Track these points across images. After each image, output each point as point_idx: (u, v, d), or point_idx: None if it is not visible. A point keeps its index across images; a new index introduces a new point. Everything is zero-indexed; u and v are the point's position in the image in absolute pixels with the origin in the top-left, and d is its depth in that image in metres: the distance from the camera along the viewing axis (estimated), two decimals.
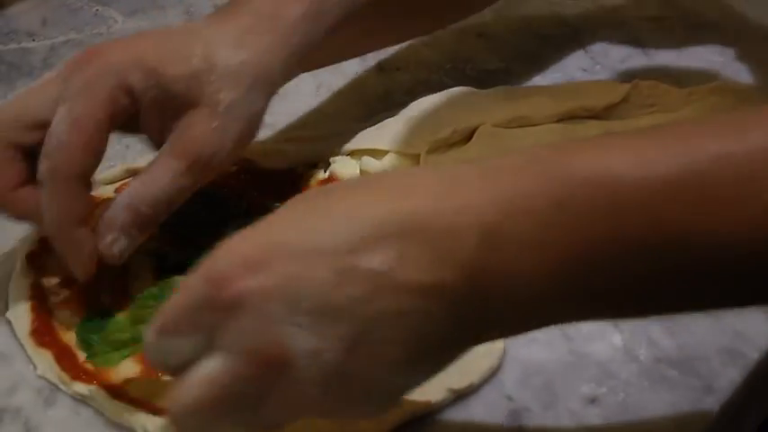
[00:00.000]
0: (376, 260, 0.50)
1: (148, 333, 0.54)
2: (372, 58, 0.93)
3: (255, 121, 0.71)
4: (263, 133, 0.75)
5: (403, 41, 0.91)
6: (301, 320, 0.50)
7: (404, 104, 0.84)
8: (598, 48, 0.94)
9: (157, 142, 0.70)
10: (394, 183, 0.53)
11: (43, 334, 0.68)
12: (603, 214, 0.50)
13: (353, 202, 0.52)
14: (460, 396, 0.64)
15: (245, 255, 0.51)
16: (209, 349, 0.52)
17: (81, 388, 0.65)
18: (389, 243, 0.50)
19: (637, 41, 0.95)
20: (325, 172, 0.79)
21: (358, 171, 0.78)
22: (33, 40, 0.98)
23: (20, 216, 0.69)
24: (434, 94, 0.85)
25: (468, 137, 0.81)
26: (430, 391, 0.64)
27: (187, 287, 0.52)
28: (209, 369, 0.52)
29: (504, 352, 0.66)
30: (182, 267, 0.63)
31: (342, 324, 0.50)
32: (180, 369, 0.53)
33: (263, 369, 0.51)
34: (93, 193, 0.70)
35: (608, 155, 0.51)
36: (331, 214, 0.52)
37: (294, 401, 0.52)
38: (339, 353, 0.50)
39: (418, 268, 0.50)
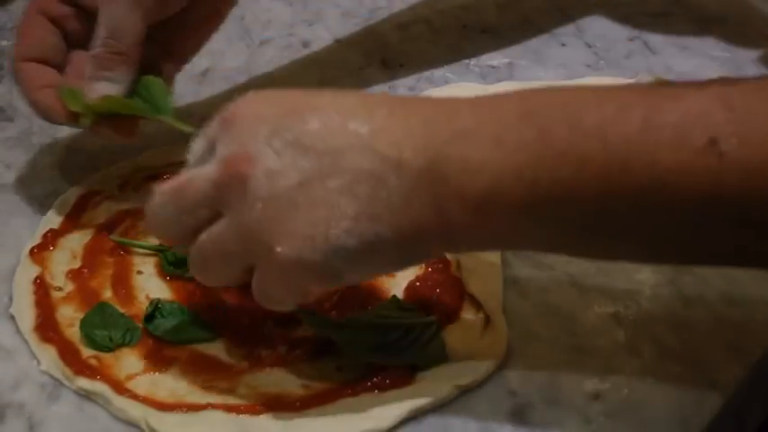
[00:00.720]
0: (360, 125, 0.58)
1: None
2: (376, 54, 0.93)
3: None
4: None
5: None
6: (277, 145, 0.58)
7: None
8: (602, 43, 0.94)
9: None
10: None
11: (47, 329, 0.69)
12: (560, 130, 0.56)
13: (358, 93, 0.62)
14: (464, 391, 0.64)
15: (262, 94, 0.61)
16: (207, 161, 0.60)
17: (84, 383, 0.65)
18: (376, 116, 0.58)
19: (641, 37, 0.95)
20: None
21: None
22: None
23: (29, 87, 0.74)
24: (438, 89, 0.85)
25: None
26: (434, 387, 0.64)
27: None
28: (193, 170, 0.61)
29: (508, 348, 0.66)
30: (185, 263, 0.63)
31: (308, 158, 0.58)
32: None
33: (227, 174, 0.58)
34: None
35: (572, 91, 0.58)
36: (337, 93, 0.61)
37: (238, 221, 0.58)
38: (293, 182, 0.57)
39: (389, 141, 0.57)
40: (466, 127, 0.57)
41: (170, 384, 0.65)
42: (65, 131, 0.85)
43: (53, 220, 0.77)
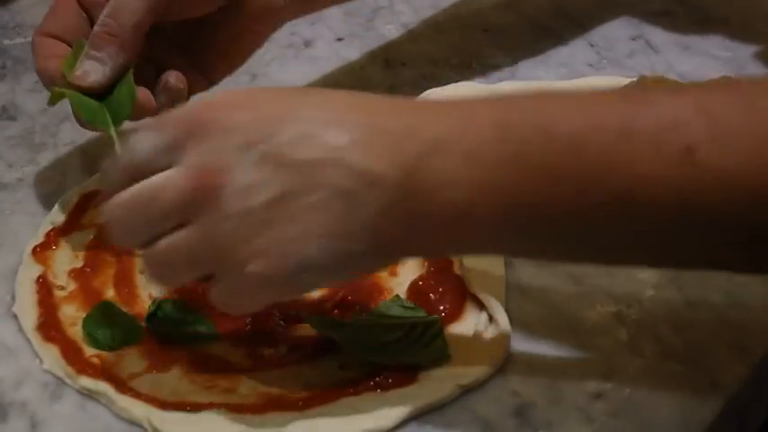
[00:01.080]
0: (336, 137, 0.57)
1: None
2: (378, 54, 0.93)
3: None
4: None
5: None
6: (251, 157, 0.56)
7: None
8: (604, 42, 0.94)
9: None
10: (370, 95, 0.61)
11: (49, 328, 0.69)
12: (536, 142, 0.55)
13: (335, 94, 0.61)
14: (467, 391, 0.64)
15: (234, 97, 0.60)
16: (169, 166, 0.58)
17: (87, 382, 0.65)
18: (352, 126, 0.57)
19: (643, 36, 0.95)
20: None
21: None
22: None
23: (38, 55, 0.74)
24: (440, 88, 0.85)
25: None
26: (436, 386, 0.64)
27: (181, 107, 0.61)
28: (159, 177, 0.58)
29: (510, 347, 0.66)
30: None
31: (283, 173, 0.56)
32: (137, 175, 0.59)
33: (199, 186, 0.57)
34: None
35: (547, 100, 0.59)
36: (312, 97, 0.61)
37: (208, 233, 0.57)
38: (266, 198, 0.56)
39: (365, 155, 0.56)
40: (442, 139, 0.56)
41: (172, 383, 0.65)
42: (66, 131, 0.85)
43: (56, 219, 0.77)
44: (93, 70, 0.71)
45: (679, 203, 0.54)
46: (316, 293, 0.69)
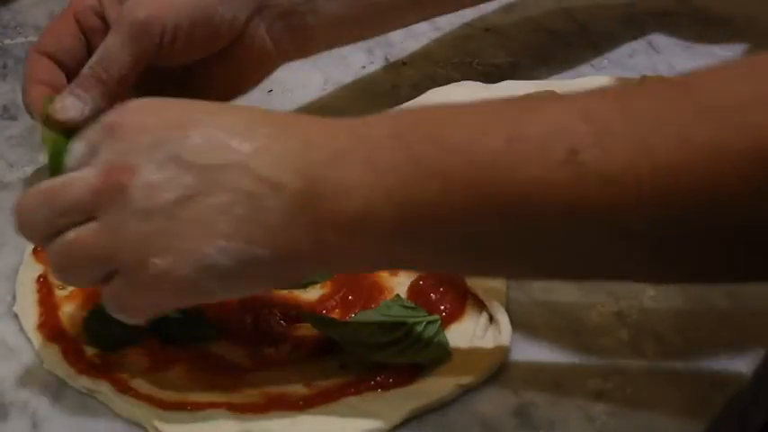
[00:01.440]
0: (241, 144, 0.58)
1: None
2: (379, 53, 0.93)
3: (211, 7, 0.74)
4: None
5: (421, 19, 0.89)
6: (158, 158, 0.58)
7: (411, 99, 0.84)
8: (606, 43, 0.94)
9: None
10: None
11: (50, 328, 0.69)
12: (427, 148, 0.56)
13: (244, 108, 0.64)
14: (467, 390, 0.64)
15: (147, 103, 0.62)
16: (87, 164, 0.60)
17: (88, 382, 0.65)
18: (257, 136, 0.59)
19: (645, 36, 0.95)
20: None
21: None
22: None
23: (28, 77, 0.77)
24: (441, 88, 0.85)
25: None
26: (436, 386, 0.64)
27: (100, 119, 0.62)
28: (71, 174, 0.60)
29: (511, 347, 0.66)
30: None
31: (188, 175, 0.58)
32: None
33: (106, 182, 0.59)
34: None
35: (441, 110, 0.61)
36: (222, 108, 0.63)
37: (112, 228, 0.58)
38: (171, 197, 0.58)
39: (268, 163, 0.58)
40: (342, 148, 0.58)
41: (173, 383, 0.65)
42: None
43: None
44: (72, 107, 0.72)
45: (567, 205, 0.54)
46: (316, 294, 0.70)
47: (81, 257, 0.60)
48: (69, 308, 0.70)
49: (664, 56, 0.92)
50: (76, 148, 0.62)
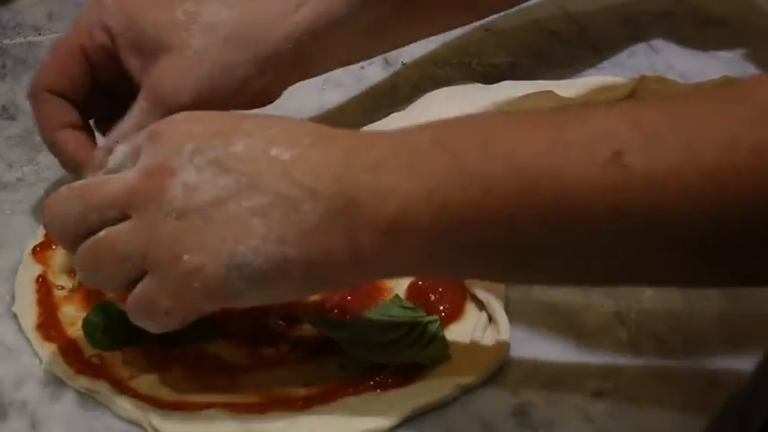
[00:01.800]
0: (281, 152, 0.59)
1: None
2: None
3: (230, 73, 0.74)
4: None
5: (420, 38, 0.88)
6: (198, 162, 0.59)
7: (410, 99, 0.84)
8: (605, 43, 0.94)
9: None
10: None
11: (49, 328, 0.69)
12: (470, 153, 0.57)
13: (284, 119, 0.63)
14: (466, 391, 0.64)
15: (192, 113, 0.63)
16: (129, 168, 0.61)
17: (86, 382, 0.65)
18: (296, 145, 0.59)
19: (644, 36, 0.95)
20: None
21: None
22: (39, 34, 0.98)
23: (47, 125, 0.75)
24: (441, 89, 0.85)
25: None
26: (436, 386, 0.64)
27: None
28: (114, 175, 0.62)
29: (510, 347, 0.66)
30: None
31: (226, 177, 0.59)
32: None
33: (145, 182, 0.60)
34: None
35: (483, 118, 0.62)
36: (263, 119, 0.63)
37: (146, 226, 0.59)
38: (207, 197, 0.59)
39: (308, 170, 0.58)
40: (384, 156, 0.58)
41: (172, 383, 0.65)
42: None
43: None
44: None
45: (611, 208, 0.54)
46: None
47: (112, 256, 0.60)
48: (68, 308, 0.70)
49: (662, 56, 0.92)
50: (120, 150, 0.63)
